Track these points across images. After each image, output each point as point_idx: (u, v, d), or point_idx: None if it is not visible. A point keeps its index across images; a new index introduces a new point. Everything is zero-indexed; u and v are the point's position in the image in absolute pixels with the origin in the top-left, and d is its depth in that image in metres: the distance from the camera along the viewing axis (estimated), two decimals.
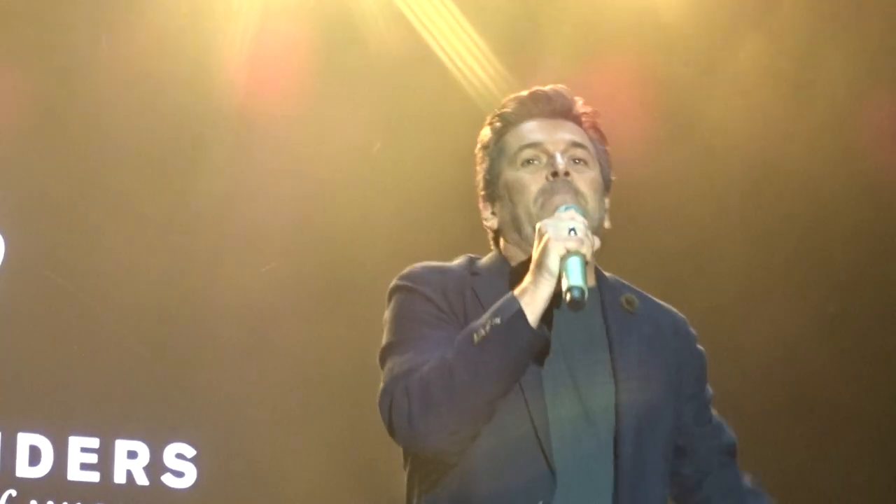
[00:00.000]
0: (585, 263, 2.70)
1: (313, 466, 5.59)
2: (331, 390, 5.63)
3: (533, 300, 2.68)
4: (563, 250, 2.68)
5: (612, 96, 5.36)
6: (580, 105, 3.00)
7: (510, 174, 2.92)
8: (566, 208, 2.79)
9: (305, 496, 5.58)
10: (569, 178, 2.88)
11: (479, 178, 3.01)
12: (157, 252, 5.57)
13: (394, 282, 2.94)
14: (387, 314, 2.92)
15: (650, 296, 3.05)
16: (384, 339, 2.89)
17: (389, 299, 2.92)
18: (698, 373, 3.06)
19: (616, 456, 2.82)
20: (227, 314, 5.61)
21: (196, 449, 5.57)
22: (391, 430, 2.78)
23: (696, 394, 3.04)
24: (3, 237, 5.47)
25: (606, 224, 2.98)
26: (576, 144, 2.94)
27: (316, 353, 5.66)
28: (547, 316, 2.72)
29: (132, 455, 5.51)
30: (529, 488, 2.74)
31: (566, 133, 2.94)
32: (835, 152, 5.90)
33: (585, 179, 2.91)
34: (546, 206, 2.86)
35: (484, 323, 2.69)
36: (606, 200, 3.00)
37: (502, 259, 2.96)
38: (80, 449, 5.45)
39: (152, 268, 5.56)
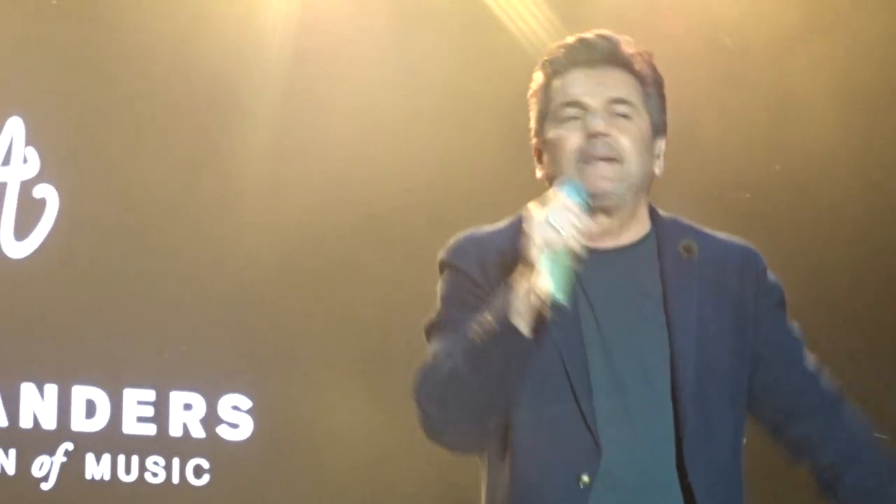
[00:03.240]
0: (567, 258, 2.61)
1: (369, 420, 5.58)
2: (387, 341, 5.62)
3: (517, 298, 2.63)
4: (542, 244, 2.61)
5: (666, 39, 5.28)
6: (627, 47, 2.91)
7: (552, 130, 2.87)
8: (562, 188, 2.70)
9: (361, 449, 5.57)
10: (607, 139, 2.81)
11: (531, 125, 2.95)
12: (213, 209, 5.56)
13: (440, 254, 2.90)
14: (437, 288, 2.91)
15: (715, 233, 2.95)
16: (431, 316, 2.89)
17: (440, 272, 2.91)
18: (772, 308, 2.92)
19: (676, 412, 2.74)
20: (282, 266, 5.60)
21: (252, 400, 5.57)
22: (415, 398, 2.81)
23: (772, 330, 2.91)
24: (58, 191, 5.48)
25: (658, 171, 2.90)
26: (616, 100, 2.86)
27: (373, 304, 5.63)
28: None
29: (188, 407, 5.52)
30: (573, 460, 2.69)
31: (608, 86, 2.86)
32: None
33: (627, 136, 2.83)
34: (583, 172, 2.79)
35: (480, 320, 2.67)
36: (661, 145, 2.91)
37: None
38: (136, 402, 5.47)
39: (207, 223, 5.56)
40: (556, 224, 2.61)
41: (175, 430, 5.49)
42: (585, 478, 2.68)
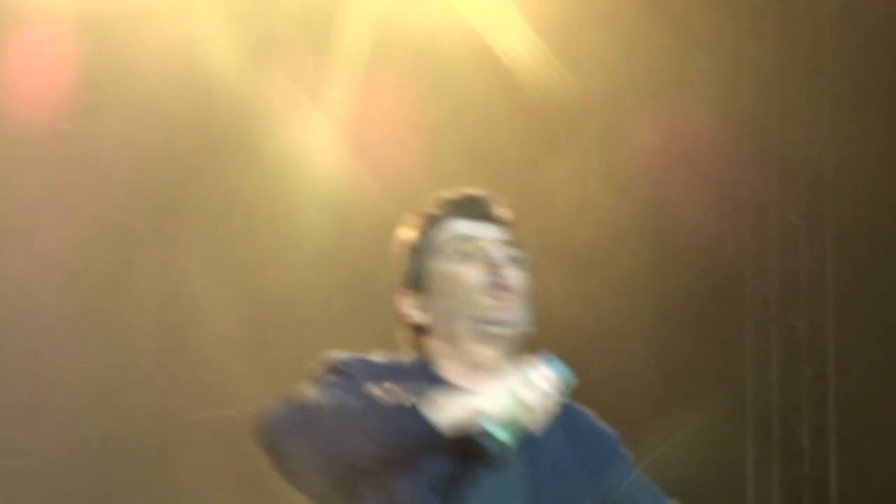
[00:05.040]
0: (528, 419, 2.70)
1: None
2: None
3: (452, 414, 2.66)
4: (508, 408, 2.67)
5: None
6: (503, 211, 3.03)
7: (445, 267, 2.94)
8: (550, 362, 2.76)
9: None
10: (508, 274, 2.92)
11: (402, 274, 2.99)
12: None
13: (328, 362, 2.91)
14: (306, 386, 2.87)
15: None
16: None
17: (316, 375, 2.89)
18: (610, 450, 3.07)
19: None
20: None
21: None
22: (263, 432, 2.76)
23: (614, 465, 3.05)
24: None
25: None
26: (509, 243, 2.98)
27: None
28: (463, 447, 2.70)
29: None
30: None
31: (499, 232, 2.99)
32: None
33: (520, 278, 2.95)
34: (486, 303, 2.89)
35: (402, 395, 2.69)
36: None
37: (423, 364, 2.95)
38: None
39: None
40: (543, 390, 2.69)
41: None
42: None
